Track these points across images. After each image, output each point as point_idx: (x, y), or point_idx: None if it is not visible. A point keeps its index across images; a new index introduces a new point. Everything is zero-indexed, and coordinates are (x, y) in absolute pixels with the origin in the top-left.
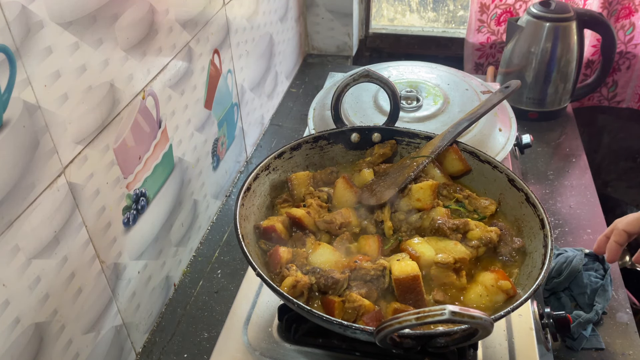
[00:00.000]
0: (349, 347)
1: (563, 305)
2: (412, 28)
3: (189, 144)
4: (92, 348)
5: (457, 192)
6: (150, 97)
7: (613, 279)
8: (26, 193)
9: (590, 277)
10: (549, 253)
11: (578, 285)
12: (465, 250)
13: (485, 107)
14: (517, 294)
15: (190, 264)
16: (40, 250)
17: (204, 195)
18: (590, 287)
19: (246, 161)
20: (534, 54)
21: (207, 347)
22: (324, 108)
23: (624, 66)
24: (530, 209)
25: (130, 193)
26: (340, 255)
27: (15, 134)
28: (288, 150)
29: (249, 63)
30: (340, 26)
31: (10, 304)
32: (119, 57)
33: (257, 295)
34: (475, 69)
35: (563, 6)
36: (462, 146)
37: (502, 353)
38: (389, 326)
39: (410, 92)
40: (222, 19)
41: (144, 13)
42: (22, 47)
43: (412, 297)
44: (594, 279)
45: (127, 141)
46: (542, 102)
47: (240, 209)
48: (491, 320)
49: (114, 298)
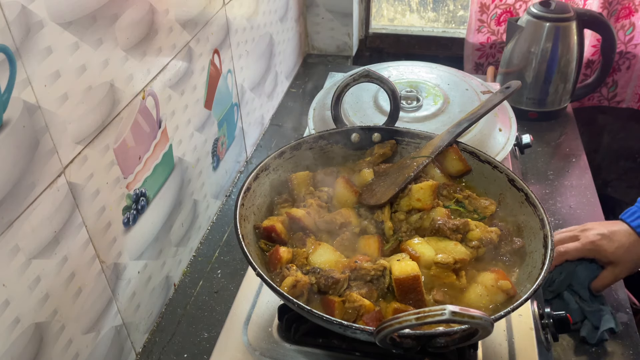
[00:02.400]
0: (349, 347)
1: (567, 302)
2: (412, 28)
3: (189, 144)
4: (92, 348)
5: (457, 192)
6: (150, 97)
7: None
8: (26, 193)
9: (586, 268)
10: (549, 253)
11: (577, 279)
12: (465, 251)
13: (486, 107)
14: (517, 294)
15: (190, 264)
16: (40, 250)
17: (204, 195)
18: (589, 278)
19: (246, 161)
20: (534, 54)
21: (207, 347)
22: (324, 108)
23: (624, 66)
24: (530, 209)
25: (130, 193)
26: (340, 255)
27: (15, 134)
28: (288, 150)
29: (249, 63)
30: (340, 26)
31: (10, 304)
32: (119, 57)
33: (257, 295)
34: (475, 69)
35: (563, 6)
36: (462, 146)
37: (502, 353)
38: (389, 326)
39: (410, 92)
40: (222, 19)
41: (144, 13)
42: (22, 47)
43: (412, 297)
44: (590, 267)
45: (127, 141)
46: (542, 102)
47: (240, 209)
48: (491, 320)
49: (114, 298)
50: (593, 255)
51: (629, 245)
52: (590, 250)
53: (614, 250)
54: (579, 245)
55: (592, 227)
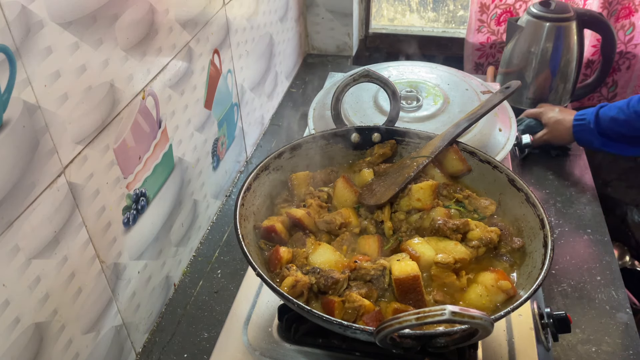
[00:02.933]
0: (349, 347)
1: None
2: (412, 28)
3: (189, 144)
4: (92, 348)
5: (457, 192)
6: (150, 97)
7: (613, 279)
8: (26, 193)
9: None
10: (549, 253)
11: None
12: (465, 251)
13: (486, 107)
14: (517, 294)
15: (190, 264)
16: (40, 250)
17: (204, 195)
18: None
19: (246, 161)
20: (534, 54)
21: (207, 347)
22: (324, 108)
23: (624, 66)
24: (530, 209)
25: (130, 193)
26: (340, 255)
27: (15, 134)
28: (288, 150)
29: (249, 63)
30: (340, 26)
31: (10, 304)
32: (119, 57)
33: (257, 295)
34: (475, 69)
35: (563, 6)
36: (462, 146)
37: (502, 353)
38: (389, 326)
39: (410, 92)
40: (222, 19)
41: (144, 13)
42: (22, 47)
43: (412, 297)
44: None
45: (127, 141)
46: (542, 102)
47: (240, 209)
48: (491, 320)
49: (114, 298)
50: (535, 116)
51: (560, 119)
52: (536, 113)
53: (549, 117)
54: (533, 110)
55: (555, 107)
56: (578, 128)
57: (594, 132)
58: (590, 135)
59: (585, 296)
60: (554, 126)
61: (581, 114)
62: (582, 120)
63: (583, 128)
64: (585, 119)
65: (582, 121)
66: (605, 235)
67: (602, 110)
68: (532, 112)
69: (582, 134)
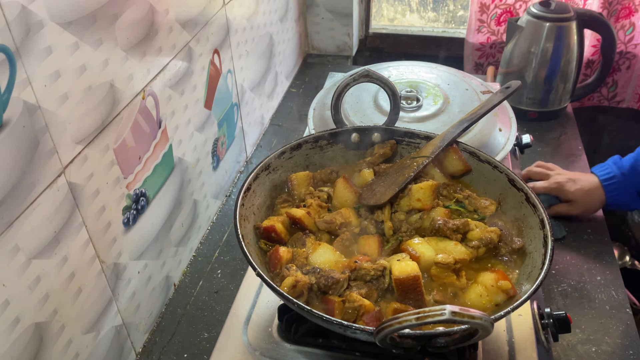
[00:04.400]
0: (349, 347)
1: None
2: (412, 28)
3: (189, 144)
4: (92, 348)
5: (457, 192)
6: (150, 97)
7: (613, 279)
8: (26, 193)
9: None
10: (549, 253)
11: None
12: (465, 251)
13: (486, 107)
14: (517, 294)
15: (190, 264)
16: (40, 250)
17: (204, 195)
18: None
19: (246, 161)
20: (534, 54)
21: (207, 347)
22: (324, 108)
23: (624, 66)
24: (530, 209)
25: (130, 193)
26: (340, 255)
27: (15, 134)
28: (288, 150)
29: (249, 63)
30: (340, 26)
31: (10, 304)
32: (119, 57)
33: (257, 295)
34: (475, 69)
35: (563, 6)
36: (462, 146)
37: (502, 353)
38: (389, 326)
39: (410, 92)
40: (222, 19)
41: (144, 13)
42: (22, 47)
43: (412, 297)
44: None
45: (127, 141)
46: (542, 102)
47: (240, 209)
48: (491, 320)
49: (114, 298)
50: (556, 194)
51: (588, 190)
52: (554, 189)
53: (575, 190)
54: (545, 183)
55: (563, 172)
56: (611, 192)
57: (629, 190)
58: (625, 193)
59: (585, 296)
60: (585, 199)
61: (601, 169)
62: (611, 179)
63: (616, 187)
64: (614, 176)
65: (611, 180)
66: (605, 235)
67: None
68: (544, 188)
69: (617, 198)
